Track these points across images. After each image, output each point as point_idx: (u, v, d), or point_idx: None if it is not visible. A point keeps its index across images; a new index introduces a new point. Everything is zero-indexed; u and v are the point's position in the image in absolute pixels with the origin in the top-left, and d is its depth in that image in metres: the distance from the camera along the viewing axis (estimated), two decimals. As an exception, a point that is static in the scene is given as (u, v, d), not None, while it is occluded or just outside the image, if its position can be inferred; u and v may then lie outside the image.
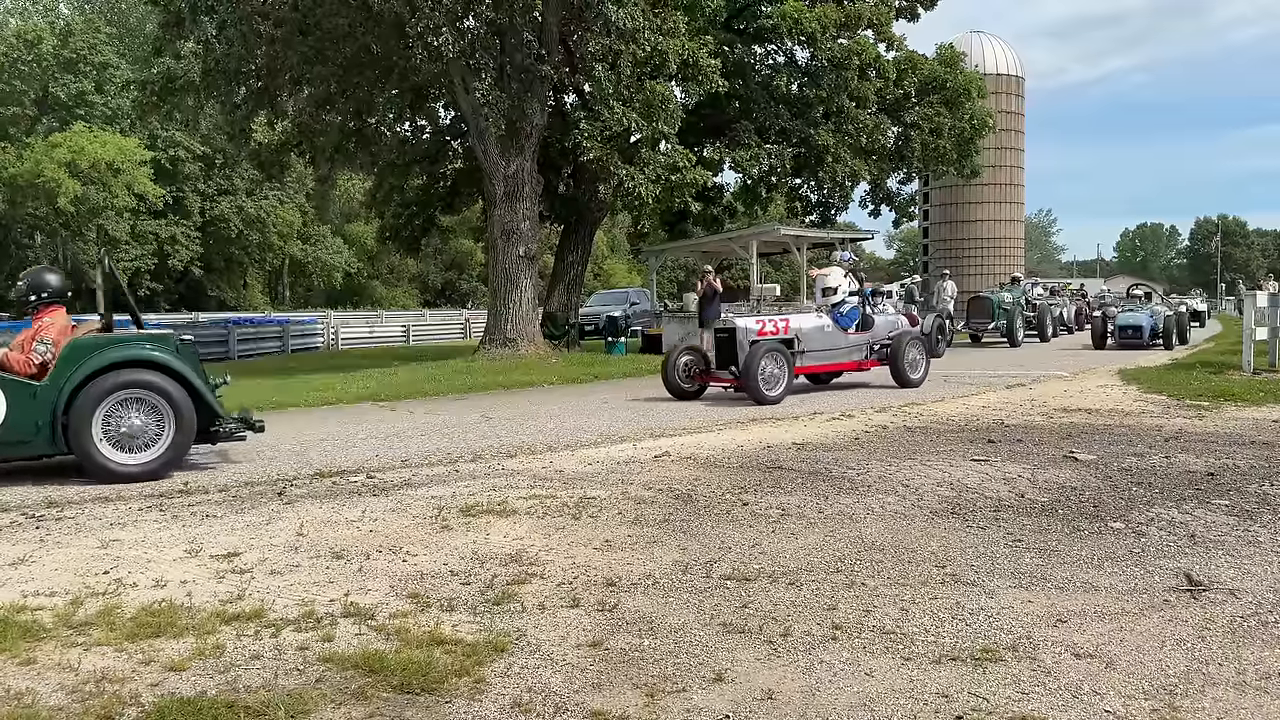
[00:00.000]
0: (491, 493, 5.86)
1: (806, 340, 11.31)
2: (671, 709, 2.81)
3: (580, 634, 3.42)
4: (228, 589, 3.96)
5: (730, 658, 3.19)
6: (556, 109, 19.52)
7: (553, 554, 4.46)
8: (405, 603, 3.78)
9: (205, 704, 2.82)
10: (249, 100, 18.65)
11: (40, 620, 3.56)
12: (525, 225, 17.19)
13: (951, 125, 21.27)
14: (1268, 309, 13.84)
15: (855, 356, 11.97)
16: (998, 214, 34.62)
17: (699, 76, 16.99)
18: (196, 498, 5.90)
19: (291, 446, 7.89)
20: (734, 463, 6.88)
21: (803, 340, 11.25)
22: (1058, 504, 5.40)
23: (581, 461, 7.04)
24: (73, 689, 2.95)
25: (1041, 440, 7.69)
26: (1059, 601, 3.73)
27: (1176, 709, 2.79)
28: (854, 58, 19.48)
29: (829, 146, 19.70)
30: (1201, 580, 3.94)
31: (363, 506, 5.53)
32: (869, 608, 3.68)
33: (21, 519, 5.30)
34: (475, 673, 3.06)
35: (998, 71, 33.05)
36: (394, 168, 21.59)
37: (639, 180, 16.47)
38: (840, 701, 2.86)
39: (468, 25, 15.85)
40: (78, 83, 49.97)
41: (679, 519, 5.14)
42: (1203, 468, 6.40)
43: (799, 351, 11.15)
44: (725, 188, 24.46)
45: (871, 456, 7.05)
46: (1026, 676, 3.02)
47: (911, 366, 11.97)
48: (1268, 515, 5.06)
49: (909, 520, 5.07)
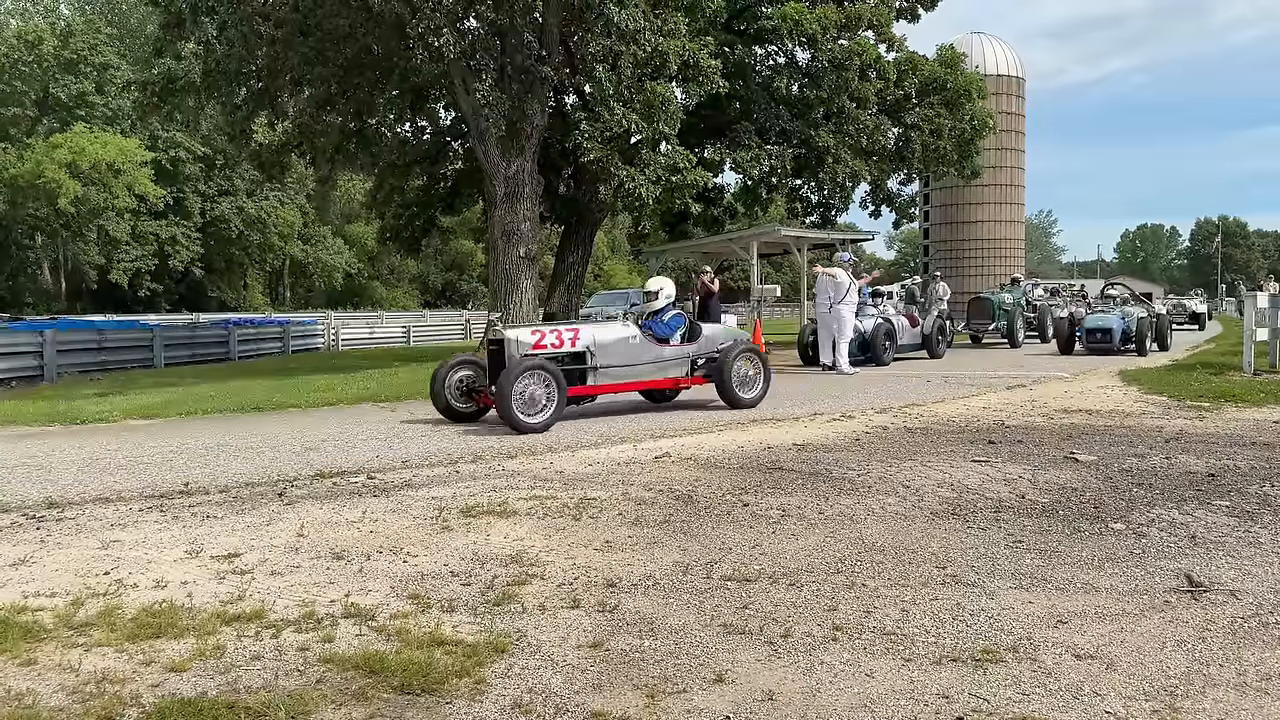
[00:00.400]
0: (492, 493, 5.86)
1: (605, 354, 9.55)
2: (672, 710, 2.81)
3: (581, 635, 3.42)
4: (228, 590, 3.96)
5: (731, 659, 3.19)
6: (557, 110, 19.53)
7: (553, 555, 4.46)
8: (406, 603, 3.78)
9: (206, 705, 2.82)
10: (249, 101, 18.66)
11: (41, 621, 3.56)
12: (526, 226, 17.19)
13: (952, 126, 21.27)
14: (1268, 310, 13.85)
15: (673, 372, 10.11)
16: (998, 215, 34.64)
17: (699, 77, 16.99)
18: (197, 498, 5.90)
19: (292, 447, 7.89)
20: (734, 464, 6.88)
21: (599, 354, 9.51)
22: (1058, 505, 5.40)
23: (582, 462, 7.04)
24: (73, 690, 2.95)
25: (1042, 441, 7.69)
26: (1059, 602, 3.73)
27: (1177, 710, 2.79)
28: (854, 59, 19.48)
29: (829, 147, 19.69)
30: (1202, 581, 3.94)
31: (363, 507, 5.53)
32: (870, 609, 3.68)
33: (22, 520, 5.30)
34: (476, 673, 3.06)
35: (998, 72, 33.07)
36: (394, 168, 21.60)
37: (639, 181, 16.47)
38: (841, 702, 2.86)
39: (468, 26, 15.85)
40: (78, 83, 50.04)
41: (679, 520, 5.14)
42: (1203, 469, 6.40)
43: (594, 367, 9.46)
44: (726, 189, 24.47)
45: (872, 457, 7.05)
46: (1027, 677, 3.02)
47: (744, 384, 10.23)
48: (1268, 516, 5.06)
49: (909, 521, 5.07)
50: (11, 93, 48.80)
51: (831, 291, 15.18)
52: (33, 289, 50.58)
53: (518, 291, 17.26)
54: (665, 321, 10.29)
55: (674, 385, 10.28)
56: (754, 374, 10.37)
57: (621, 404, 11.02)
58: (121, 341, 20.23)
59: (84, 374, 17.80)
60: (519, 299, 17.26)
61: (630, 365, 9.76)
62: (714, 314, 19.51)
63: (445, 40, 14.75)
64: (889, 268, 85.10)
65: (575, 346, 9.45)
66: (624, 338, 9.79)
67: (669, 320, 10.31)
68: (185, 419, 10.27)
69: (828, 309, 15.22)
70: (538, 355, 9.08)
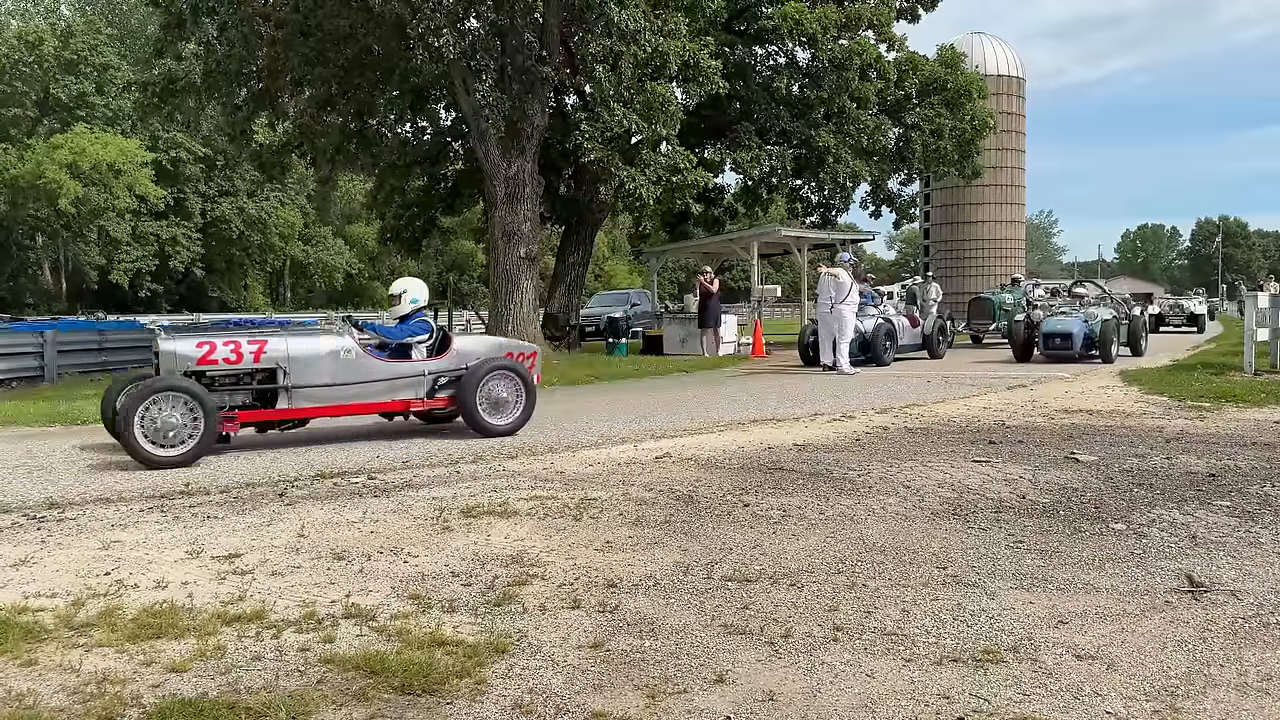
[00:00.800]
0: (492, 494, 5.86)
1: (303, 371, 7.82)
2: (673, 710, 2.81)
3: (581, 635, 3.42)
4: (229, 590, 3.96)
5: (731, 659, 3.19)
6: (557, 110, 19.53)
7: (554, 555, 4.46)
8: (406, 604, 3.78)
9: (206, 705, 2.82)
10: (250, 101, 18.66)
11: (41, 621, 3.56)
12: (526, 226, 17.19)
13: (952, 126, 21.27)
14: (1269, 310, 13.85)
15: (405, 393, 8.33)
16: (998, 215, 34.65)
17: (700, 78, 16.98)
18: (198, 499, 5.90)
19: (292, 447, 7.89)
20: (735, 464, 6.88)
21: (295, 371, 7.78)
22: (1059, 505, 5.40)
23: (582, 463, 7.04)
24: (74, 690, 2.95)
25: (1043, 441, 7.69)
26: (1060, 603, 3.73)
27: (1178, 710, 2.79)
28: (855, 59, 19.49)
29: (830, 147, 19.70)
30: (1203, 581, 3.94)
31: (364, 507, 5.53)
32: (870, 609, 3.68)
33: (23, 520, 5.30)
34: (476, 674, 3.06)
35: (998, 72, 33.08)
36: (395, 169, 21.61)
37: (640, 181, 16.47)
38: (842, 703, 2.86)
39: (469, 26, 15.85)
40: (79, 84, 50.05)
41: (680, 520, 5.14)
42: (1204, 469, 6.40)
43: (286, 387, 7.76)
44: (726, 189, 24.47)
45: (872, 458, 7.05)
46: (1028, 678, 3.02)
47: (495, 408, 8.50)
48: (1269, 516, 5.06)
49: (910, 521, 5.06)
50: (12, 93, 48.82)
51: (834, 291, 15.18)
52: (33, 290, 50.60)
53: (518, 292, 17.27)
54: (401, 330, 8.65)
55: (403, 408, 8.40)
56: (510, 396, 8.59)
57: (621, 404, 10.99)
58: (122, 342, 20.22)
59: (85, 374, 17.80)
60: (519, 299, 17.27)
61: (341, 385, 7.99)
62: (714, 314, 19.57)
63: (445, 40, 14.75)
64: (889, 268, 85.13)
65: (259, 362, 7.70)
66: (331, 351, 8.01)
67: (411, 328, 8.64)
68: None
69: (829, 309, 15.22)
70: (206, 371, 7.50)
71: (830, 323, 15.26)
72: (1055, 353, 16.15)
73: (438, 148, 21.91)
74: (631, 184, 16.50)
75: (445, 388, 8.52)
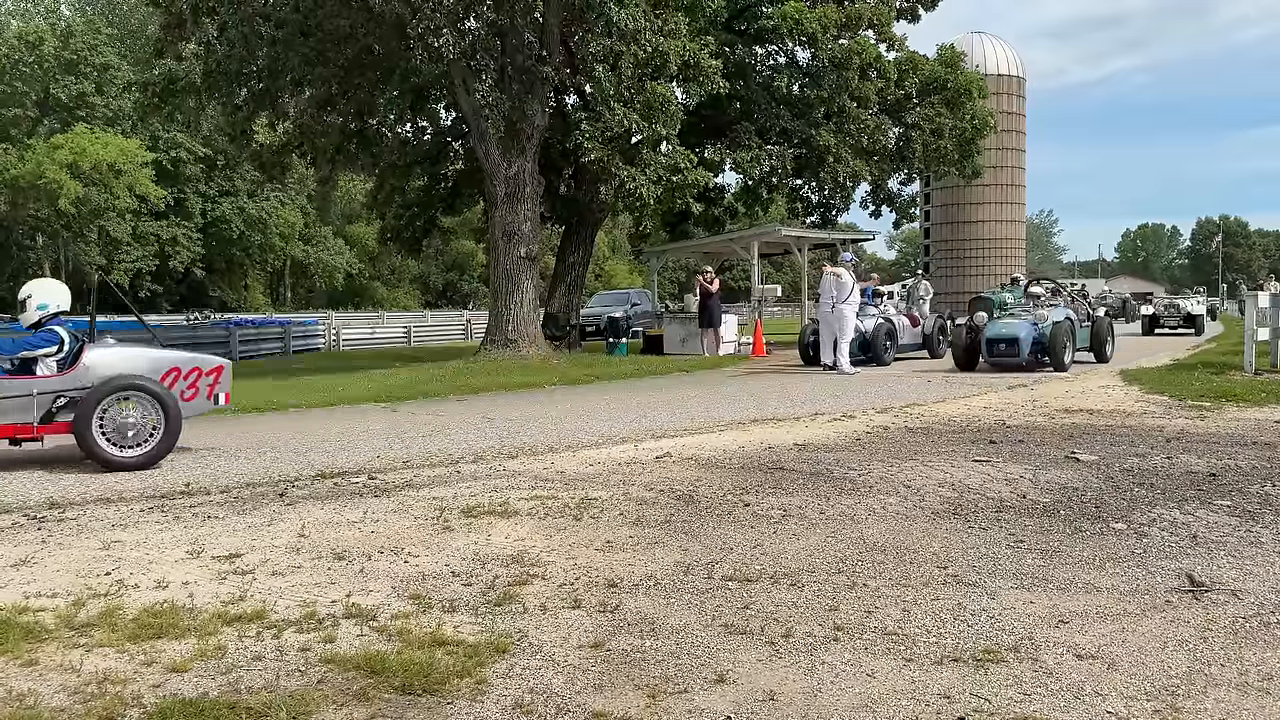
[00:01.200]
0: (493, 494, 5.86)
1: None
2: (673, 710, 2.81)
3: (582, 635, 3.42)
4: (229, 590, 3.96)
5: (732, 659, 3.19)
6: (557, 110, 19.54)
7: (554, 555, 4.46)
8: (407, 604, 3.78)
9: (207, 705, 2.82)
10: (250, 101, 18.67)
11: (42, 621, 3.56)
12: (526, 226, 17.20)
13: (952, 126, 21.27)
14: (1269, 309, 13.84)
15: (9, 418, 6.81)
16: (999, 214, 34.70)
17: (700, 77, 16.99)
18: (198, 499, 5.90)
19: (293, 447, 7.90)
20: (735, 464, 6.88)
21: None
22: (1060, 505, 5.40)
23: (583, 462, 7.04)
24: (75, 690, 2.95)
25: (1043, 441, 7.69)
26: (1061, 602, 3.73)
27: (1178, 710, 2.79)
28: (855, 58, 19.48)
29: (830, 147, 19.69)
30: (1203, 581, 3.94)
31: (364, 507, 5.53)
32: (871, 609, 3.68)
33: (24, 520, 5.31)
34: (477, 674, 3.06)
35: (999, 72, 33.13)
36: (395, 169, 21.62)
37: (640, 181, 16.47)
38: (842, 702, 2.86)
39: (469, 26, 15.86)
40: (79, 84, 50.02)
41: (680, 520, 5.14)
42: (1205, 468, 6.40)
43: None
44: (726, 189, 24.47)
45: (873, 457, 7.04)
46: (1028, 677, 3.02)
47: (122, 436, 6.87)
48: (1270, 516, 5.05)
49: (911, 521, 5.06)
50: (12, 93, 48.80)
51: (835, 291, 15.18)
52: (33, 290, 50.51)
53: (519, 292, 17.28)
54: (17, 344, 7.15)
55: (11, 434, 6.88)
56: (142, 422, 6.93)
57: (622, 404, 11.00)
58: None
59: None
60: (520, 299, 17.29)
61: None
62: (714, 314, 19.56)
63: (445, 40, 14.76)
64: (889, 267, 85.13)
65: None
66: None
67: (32, 340, 7.13)
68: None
69: (830, 308, 15.22)
70: None
71: (831, 322, 15.26)
72: (1000, 359, 14.56)
73: (438, 148, 21.92)
74: (631, 184, 16.50)
75: (67, 410, 6.91)
